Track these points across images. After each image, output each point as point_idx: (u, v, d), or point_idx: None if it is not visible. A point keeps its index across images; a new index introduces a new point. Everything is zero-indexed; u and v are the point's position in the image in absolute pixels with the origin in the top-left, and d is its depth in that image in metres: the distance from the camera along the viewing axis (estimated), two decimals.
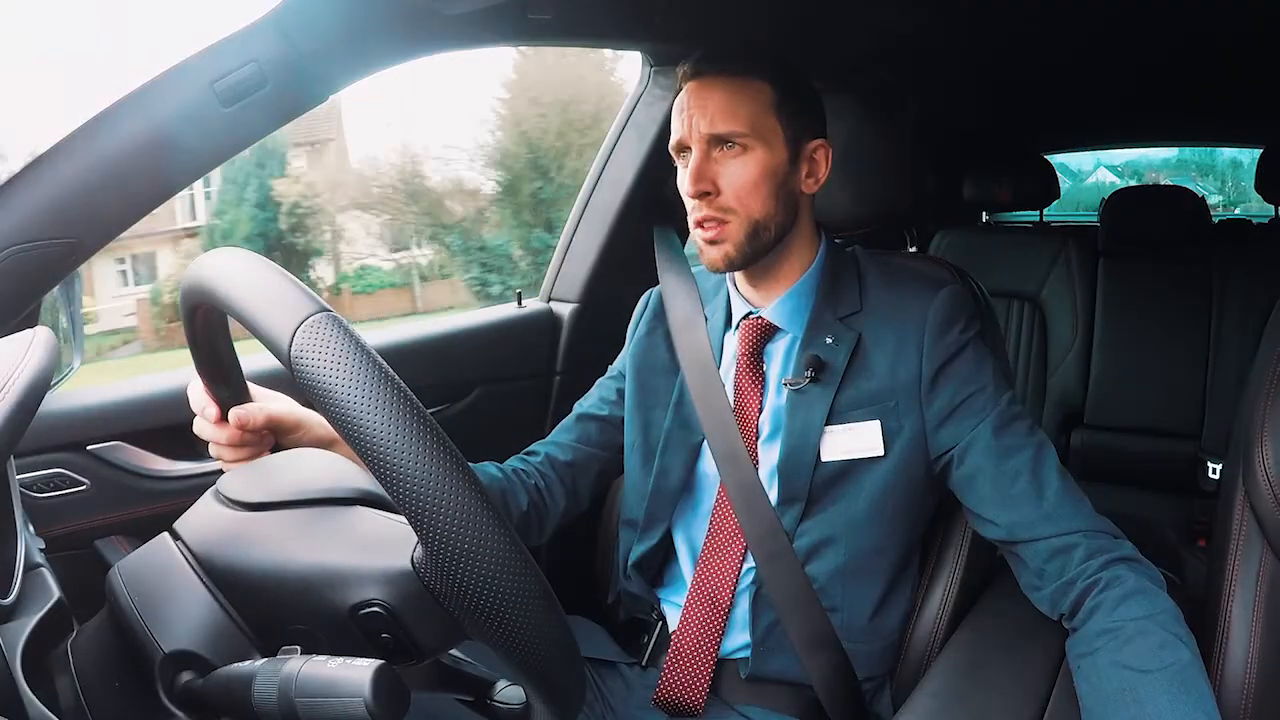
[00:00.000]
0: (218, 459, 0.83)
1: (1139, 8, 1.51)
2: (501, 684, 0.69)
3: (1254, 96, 2.23)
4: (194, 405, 0.80)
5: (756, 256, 0.98)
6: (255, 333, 0.53)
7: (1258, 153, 2.47)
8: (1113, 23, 1.60)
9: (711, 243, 0.97)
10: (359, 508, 0.62)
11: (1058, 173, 2.75)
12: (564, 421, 1.19)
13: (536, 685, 0.56)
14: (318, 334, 0.50)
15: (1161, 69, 2.01)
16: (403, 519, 0.51)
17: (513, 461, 1.13)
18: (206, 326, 0.66)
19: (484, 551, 0.49)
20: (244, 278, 0.55)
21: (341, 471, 0.65)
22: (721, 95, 0.95)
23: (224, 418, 0.79)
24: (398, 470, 0.48)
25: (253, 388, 0.81)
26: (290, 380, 0.51)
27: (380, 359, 0.50)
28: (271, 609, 0.59)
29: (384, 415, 0.48)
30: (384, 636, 0.57)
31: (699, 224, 0.97)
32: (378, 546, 0.58)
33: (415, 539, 0.55)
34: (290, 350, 0.50)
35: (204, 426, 0.81)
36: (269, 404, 0.82)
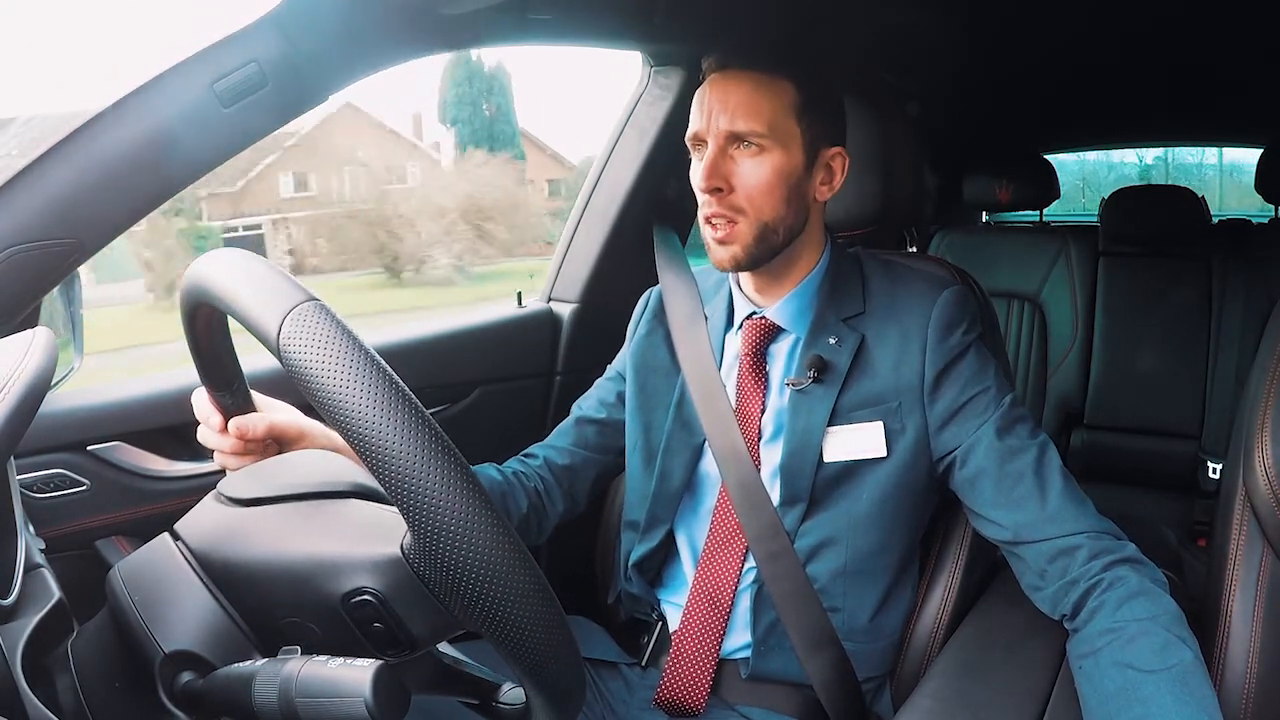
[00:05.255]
0: (222, 466, 0.82)
1: (1139, 8, 1.51)
2: (507, 687, 0.69)
3: (1254, 96, 2.23)
4: (199, 414, 0.80)
5: (764, 259, 0.98)
6: (246, 324, 0.53)
7: (1093, 174, 2.48)
8: (1113, 23, 1.61)
9: (721, 243, 0.96)
10: (352, 500, 0.62)
11: None
12: (562, 424, 1.19)
13: (533, 677, 0.55)
14: (305, 322, 0.50)
15: (1162, 69, 2.01)
16: (395, 510, 0.50)
17: (512, 464, 1.13)
18: (208, 331, 0.66)
19: (469, 533, 0.48)
20: (235, 273, 0.55)
21: (337, 467, 0.65)
22: (745, 91, 0.94)
23: (228, 426, 0.79)
24: (383, 452, 0.48)
25: (258, 397, 0.81)
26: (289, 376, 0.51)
27: (367, 345, 0.50)
28: (265, 602, 0.59)
29: (369, 398, 0.48)
30: (376, 626, 0.57)
31: (708, 220, 0.97)
32: (368, 535, 0.58)
33: (406, 528, 0.55)
34: (279, 338, 0.50)
35: (208, 435, 0.81)
36: (271, 414, 0.82)
